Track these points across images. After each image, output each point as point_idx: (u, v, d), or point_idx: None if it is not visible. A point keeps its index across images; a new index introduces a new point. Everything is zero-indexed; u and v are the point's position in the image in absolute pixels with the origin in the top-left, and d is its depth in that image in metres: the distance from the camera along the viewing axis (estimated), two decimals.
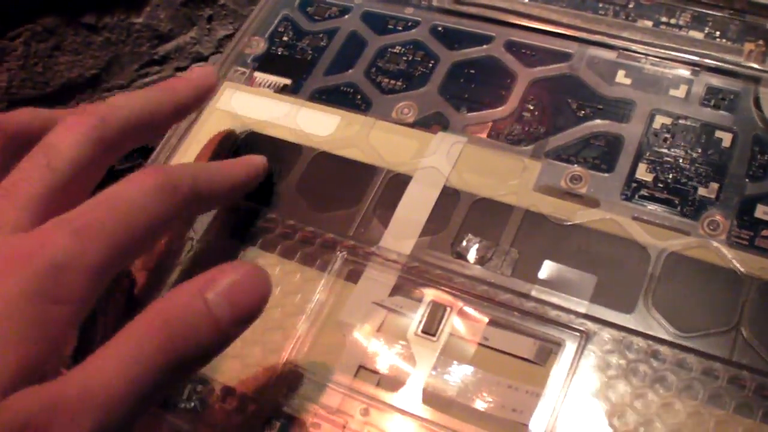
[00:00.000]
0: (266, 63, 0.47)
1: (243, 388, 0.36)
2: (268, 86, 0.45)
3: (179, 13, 0.58)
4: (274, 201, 0.41)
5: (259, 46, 0.47)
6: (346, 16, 0.47)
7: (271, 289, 0.30)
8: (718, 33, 0.43)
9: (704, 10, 0.44)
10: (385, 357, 0.35)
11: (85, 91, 0.56)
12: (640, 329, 0.34)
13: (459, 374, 0.34)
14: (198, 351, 0.28)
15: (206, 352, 0.28)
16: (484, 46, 0.44)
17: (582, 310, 0.35)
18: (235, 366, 0.36)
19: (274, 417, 0.35)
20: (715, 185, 0.37)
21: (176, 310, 0.27)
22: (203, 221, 0.40)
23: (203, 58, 0.62)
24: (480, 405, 0.33)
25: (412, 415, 0.34)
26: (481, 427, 0.33)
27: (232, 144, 0.43)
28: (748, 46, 0.42)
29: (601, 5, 0.45)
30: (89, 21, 0.55)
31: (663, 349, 0.33)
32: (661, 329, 0.34)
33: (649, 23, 0.44)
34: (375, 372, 0.35)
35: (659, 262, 0.36)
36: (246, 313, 0.29)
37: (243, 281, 0.29)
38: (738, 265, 0.35)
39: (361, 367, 0.35)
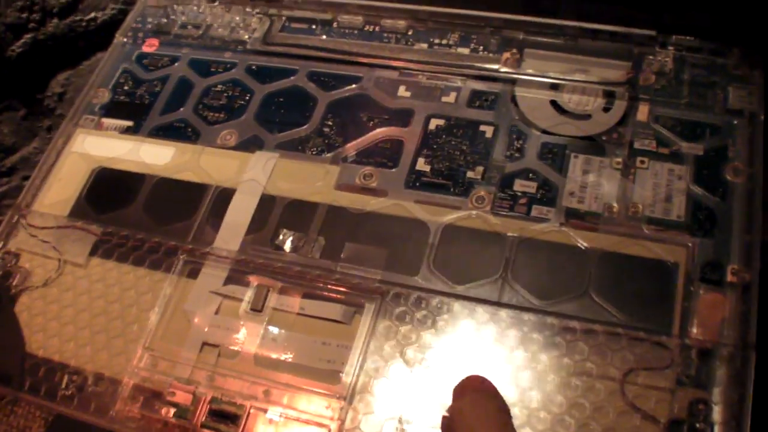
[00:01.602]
0: (111, 109, 0.54)
1: (111, 373, 0.43)
2: (115, 129, 0.53)
3: (21, 126, 0.64)
4: (125, 220, 0.48)
5: (104, 96, 0.55)
6: (176, 64, 0.56)
7: None
8: (481, 48, 0.52)
9: (470, 28, 0.53)
10: (223, 333, 0.43)
11: None
12: (424, 286, 0.43)
13: (283, 339, 0.43)
14: None
15: None
16: (290, 78, 0.53)
17: (378, 277, 0.43)
18: (104, 356, 0.44)
19: (139, 393, 0.42)
20: (480, 168, 0.47)
21: None
22: (73, 245, 0.48)
23: None
24: (302, 360, 0.42)
25: (248, 376, 0.42)
26: (305, 377, 0.41)
27: None
28: (505, 55, 0.51)
29: (385, 35, 0.54)
30: None
31: (442, 299, 0.42)
32: (441, 283, 0.43)
33: (424, 45, 0.53)
34: (216, 346, 0.43)
35: (437, 234, 0.44)
36: None
37: None
38: (501, 229, 0.44)
39: (205, 344, 0.43)
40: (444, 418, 0.35)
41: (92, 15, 0.63)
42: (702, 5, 0.48)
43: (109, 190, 0.50)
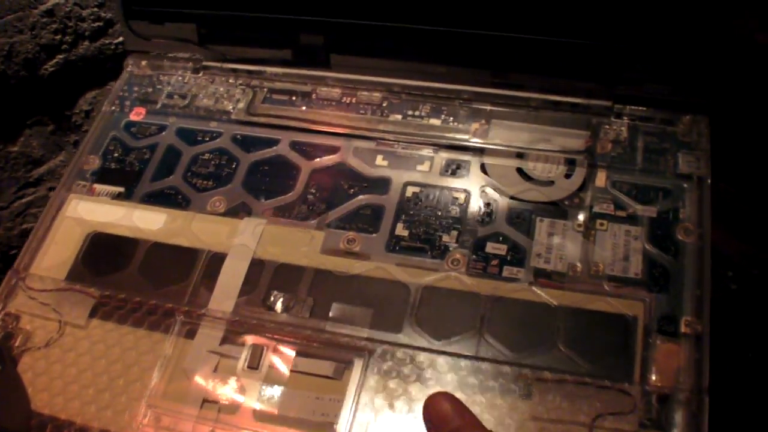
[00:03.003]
0: (102, 176, 0.57)
1: (116, 429, 0.46)
2: (106, 195, 0.56)
3: (49, 140, 0.67)
4: (122, 283, 0.51)
5: (95, 162, 0.58)
6: (163, 133, 0.59)
7: None
8: (451, 118, 0.56)
9: (440, 101, 0.57)
10: (222, 390, 0.46)
11: None
12: (407, 342, 0.46)
13: (279, 394, 0.45)
14: None
15: None
16: (274, 147, 0.57)
17: (364, 335, 0.47)
18: (108, 413, 0.46)
19: None
20: (455, 232, 0.50)
21: None
22: (73, 307, 0.50)
23: None
24: (298, 414, 0.45)
25: (248, 430, 0.45)
26: (301, 430, 0.44)
27: None
28: (474, 126, 0.55)
29: (361, 106, 0.57)
30: None
31: (424, 355, 0.45)
32: (423, 340, 0.46)
33: (398, 116, 0.57)
34: (216, 402, 0.46)
35: (418, 294, 0.48)
36: None
37: None
38: (476, 288, 0.48)
39: (205, 400, 0.46)
40: None
41: (120, 39, 0.67)
42: (654, 76, 0.53)
43: (104, 254, 0.53)
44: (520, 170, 0.53)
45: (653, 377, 0.43)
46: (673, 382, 0.43)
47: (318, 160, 0.55)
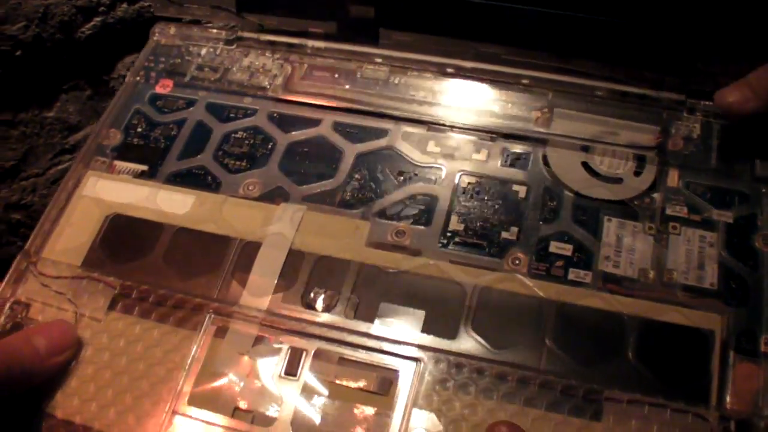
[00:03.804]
0: (124, 152, 0.52)
1: None
2: (128, 172, 0.51)
3: (86, 106, 0.63)
4: (143, 272, 0.46)
5: (116, 137, 0.52)
6: (192, 108, 0.54)
7: (76, 332, 0.43)
8: (510, 105, 0.51)
9: (501, 81, 0.52)
10: (255, 398, 0.41)
11: (5, 181, 0.59)
12: (463, 351, 0.42)
13: (319, 406, 0.41)
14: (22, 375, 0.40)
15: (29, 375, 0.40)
16: (315, 128, 0.52)
17: (415, 341, 0.42)
18: (129, 419, 0.41)
19: None
20: (515, 229, 0.46)
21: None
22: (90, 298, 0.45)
23: None
24: (339, 429, 0.40)
25: None
26: None
27: None
28: (535, 114, 0.51)
29: (411, 88, 0.53)
30: (6, 117, 0.59)
31: (484, 365, 0.41)
32: (481, 348, 0.42)
33: (452, 100, 0.52)
34: (248, 411, 0.41)
35: (474, 295, 0.44)
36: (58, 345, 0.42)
37: (53, 325, 0.43)
38: (538, 291, 0.43)
39: (237, 409, 0.41)
40: None
41: None
42: (730, 70, 0.49)
43: (125, 239, 0.48)
44: (585, 164, 0.48)
45: (729, 400, 0.39)
46: (751, 407, 0.39)
47: (363, 143, 0.51)
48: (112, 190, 0.50)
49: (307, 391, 0.41)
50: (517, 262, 0.45)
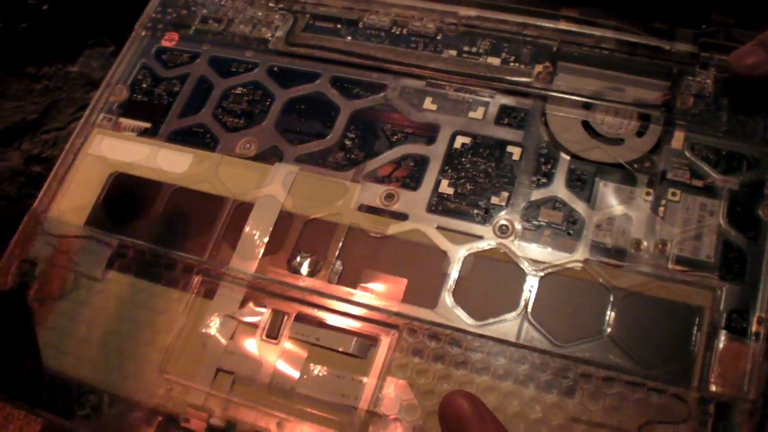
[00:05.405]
0: (129, 109, 0.52)
1: (126, 394, 0.43)
2: (132, 130, 0.51)
3: (109, 62, 0.63)
4: (141, 232, 0.47)
5: (122, 93, 0.53)
6: (196, 62, 0.53)
7: None
8: (512, 58, 0.49)
9: (503, 36, 0.50)
10: (237, 360, 0.43)
11: (27, 134, 0.60)
12: (442, 321, 0.42)
13: (298, 369, 0.42)
14: None
15: None
16: (314, 83, 0.51)
17: (395, 309, 0.42)
18: (116, 378, 0.44)
19: (153, 416, 0.43)
20: (505, 194, 0.45)
21: None
22: (90, 257, 0.47)
23: None
24: (316, 393, 0.41)
25: (262, 406, 0.42)
26: (318, 410, 0.41)
27: None
28: (538, 68, 0.48)
29: (412, 38, 0.51)
30: (30, 71, 0.60)
31: (460, 336, 0.41)
32: (461, 320, 0.42)
33: (453, 53, 0.50)
34: (230, 373, 0.43)
35: (458, 264, 0.43)
36: None
37: None
38: (524, 261, 0.43)
39: (219, 370, 0.43)
40: None
41: None
42: (746, 21, 0.45)
43: (125, 198, 0.49)
44: (585, 124, 0.46)
45: (713, 382, 0.38)
46: (735, 390, 0.38)
47: (360, 100, 0.50)
48: (116, 149, 0.51)
49: (287, 354, 0.42)
50: (505, 229, 0.44)
